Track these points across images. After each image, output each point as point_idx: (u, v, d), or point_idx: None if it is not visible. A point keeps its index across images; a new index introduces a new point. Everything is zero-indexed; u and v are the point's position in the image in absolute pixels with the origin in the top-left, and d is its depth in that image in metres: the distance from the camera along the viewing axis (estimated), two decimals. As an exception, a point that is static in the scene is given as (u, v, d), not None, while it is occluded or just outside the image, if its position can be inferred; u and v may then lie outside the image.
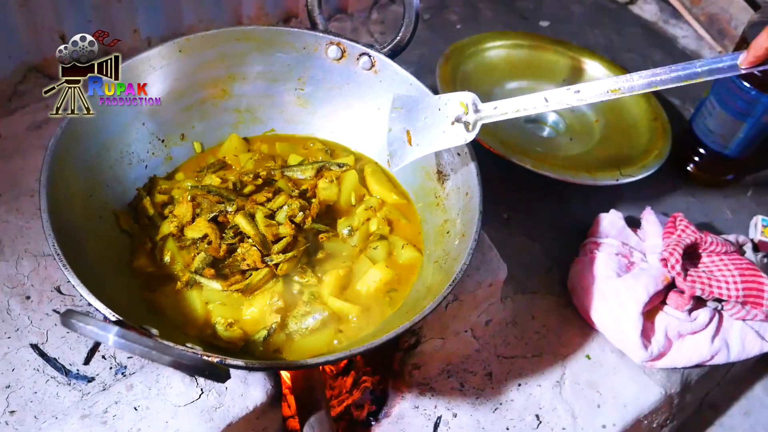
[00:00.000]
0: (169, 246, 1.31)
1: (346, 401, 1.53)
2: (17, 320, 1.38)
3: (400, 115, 1.39)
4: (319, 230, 1.36)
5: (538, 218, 1.82)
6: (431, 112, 1.34)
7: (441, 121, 1.32)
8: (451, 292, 1.16)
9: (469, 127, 1.29)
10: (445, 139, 1.31)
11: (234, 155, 1.48)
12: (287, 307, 1.25)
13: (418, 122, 1.36)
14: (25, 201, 1.55)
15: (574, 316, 1.65)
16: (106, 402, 1.17)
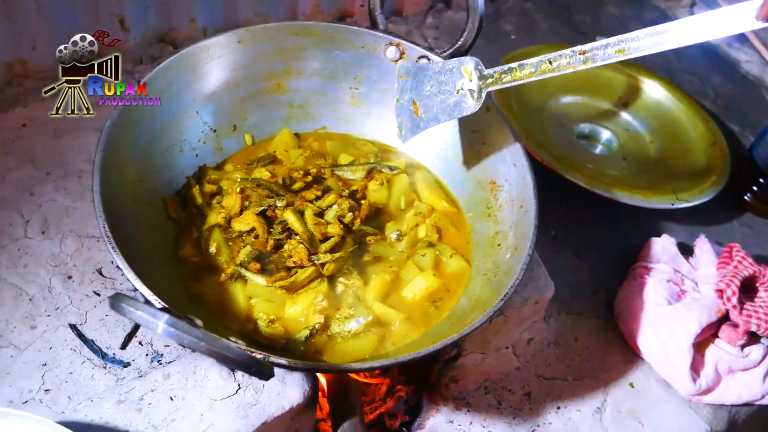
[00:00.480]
0: (215, 237, 1.29)
1: (379, 409, 1.50)
2: (58, 299, 1.37)
3: (405, 84, 1.36)
4: (367, 232, 1.33)
5: (586, 237, 1.78)
6: (435, 81, 1.31)
7: (446, 90, 1.29)
8: (501, 308, 1.12)
9: (474, 96, 1.25)
10: (452, 109, 1.28)
11: (284, 150, 1.46)
12: (330, 309, 1.23)
13: (423, 91, 1.33)
14: (73, 181, 1.55)
15: (618, 341, 1.61)
16: (142, 389, 1.15)
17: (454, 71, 1.28)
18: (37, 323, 1.33)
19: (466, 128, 1.43)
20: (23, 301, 1.35)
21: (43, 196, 1.51)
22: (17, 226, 1.45)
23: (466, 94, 1.26)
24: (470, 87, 1.26)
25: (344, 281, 1.26)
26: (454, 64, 1.29)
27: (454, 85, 1.28)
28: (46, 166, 1.56)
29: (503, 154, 1.36)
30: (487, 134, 1.39)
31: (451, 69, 1.29)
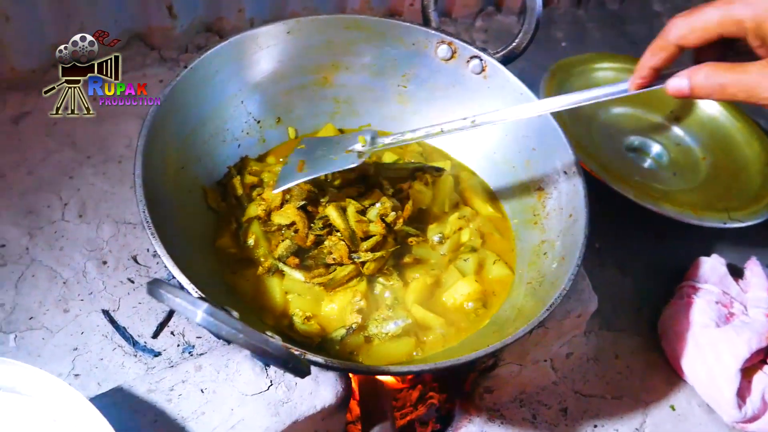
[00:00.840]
0: (254, 229, 1.27)
1: (410, 415, 1.46)
2: (92, 284, 1.35)
3: (298, 151, 1.31)
4: (410, 233, 1.29)
5: (631, 251, 1.73)
6: (329, 147, 1.29)
7: (334, 152, 1.26)
8: (547, 318, 1.08)
9: (361, 156, 1.23)
10: (334, 164, 1.24)
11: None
12: (368, 309, 1.19)
13: (313, 154, 1.29)
14: (112, 166, 1.54)
15: (661, 361, 1.56)
16: (173, 380, 1.12)
17: (349, 140, 1.27)
18: (70, 307, 1.31)
19: (516, 132, 1.39)
20: (57, 283, 1.34)
21: (82, 180, 1.50)
22: (55, 209, 1.44)
23: (353, 153, 1.24)
24: (360, 149, 1.24)
25: (384, 282, 1.23)
26: (351, 136, 1.29)
27: (345, 148, 1.26)
28: (86, 150, 1.55)
29: (554, 161, 1.31)
30: (538, 139, 1.35)
31: (347, 138, 1.29)
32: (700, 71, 0.86)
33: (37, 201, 1.45)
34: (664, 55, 0.92)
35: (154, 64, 1.71)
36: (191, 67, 1.24)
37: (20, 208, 1.43)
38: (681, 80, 0.89)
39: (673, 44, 0.90)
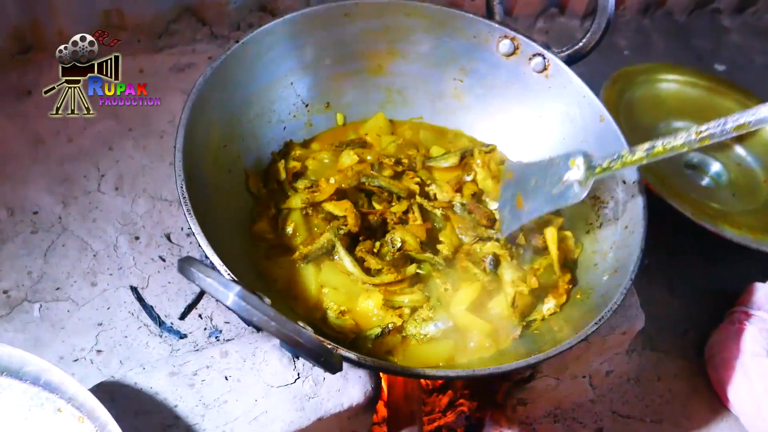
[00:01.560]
0: (293, 217, 1.22)
1: (438, 421, 1.41)
2: (122, 258, 1.32)
3: (509, 182, 1.27)
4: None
5: (681, 271, 1.65)
6: (541, 175, 1.21)
7: (551, 182, 1.18)
8: (595, 332, 1.02)
9: (582, 184, 1.15)
10: (556, 199, 1.17)
11: (377, 135, 1.38)
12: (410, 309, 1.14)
13: (528, 186, 1.22)
14: (153, 141, 1.50)
15: (705, 387, 1.48)
16: (197, 364, 1.08)
17: (560, 165, 1.18)
18: (98, 280, 1.28)
19: (574, 137, 1.32)
20: (87, 255, 1.31)
21: (121, 152, 1.46)
22: (91, 179, 1.41)
23: (572, 184, 1.16)
24: (577, 178, 1.15)
25: (439, 282, 1.17)
26: (561, 159, 1.19)
27: (560, 176, 1.17)
28: (128, 122, 1.51)
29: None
30: (597, 145, 1.28)
31: (557, 163, 1.19)
32: None
33: (75, 170, 1.42)
34: None
35: (204, 40, 1.68)
36: (243, 42, 1.20)
37: (57, 175, 1.40)
38: None
39: None
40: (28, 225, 1.32)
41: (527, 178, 1.24)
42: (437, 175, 1.33)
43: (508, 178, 1.28)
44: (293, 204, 1.23)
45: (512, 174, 1.28)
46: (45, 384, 0.93)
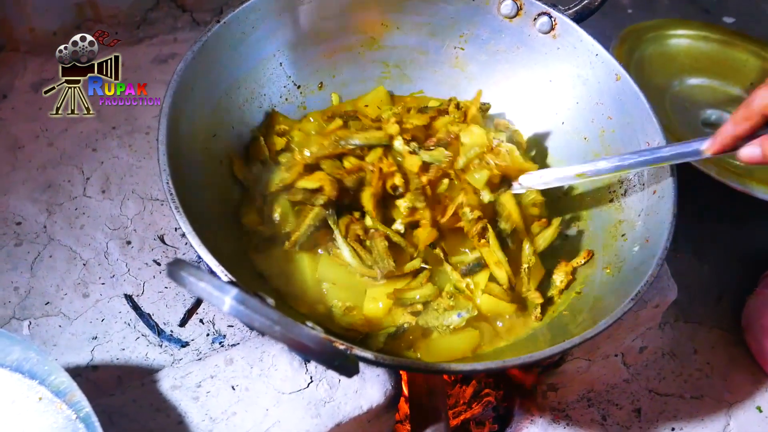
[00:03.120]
0: (280, 202, 1.11)
1: (464, 414, 1.32)
2: (114, 266, 1.23)
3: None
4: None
5: (709, 236, 1.55)
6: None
7: None
8: (631, 308, 0.93)
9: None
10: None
11: (377, 107, 1.27)
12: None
13: None
14: (139, 138, 1.41)
15: (745, 357, 1.39)
16: (201, 375, 0.99)
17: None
18: (89, 291, 1.19)
19: (589, 99, 1.22)
20: (76, 265, 1.22)
21: (106, 152, 1.37)
22: (76, 184, 1.32)
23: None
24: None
25: (452, 274, 1.08)
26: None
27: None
28: (112, 120, 1.42)
29: (634, 131, 1.15)
30: (616, 107, 1.18)
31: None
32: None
33: (57, 175, 1.33)
34: (748, 125, 0.89)
35: (185, 28, 1.58)
36: (224, 22, 1.10)
37: (39, 182, 1.31)
38: (754, 149, 0.89)
39: (759, 114, 0.87)
40: (11, 237, 1.23)
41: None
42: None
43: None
44: (277, 180, 1.13)
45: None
46: (27, 372, 0.89)
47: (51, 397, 0.89)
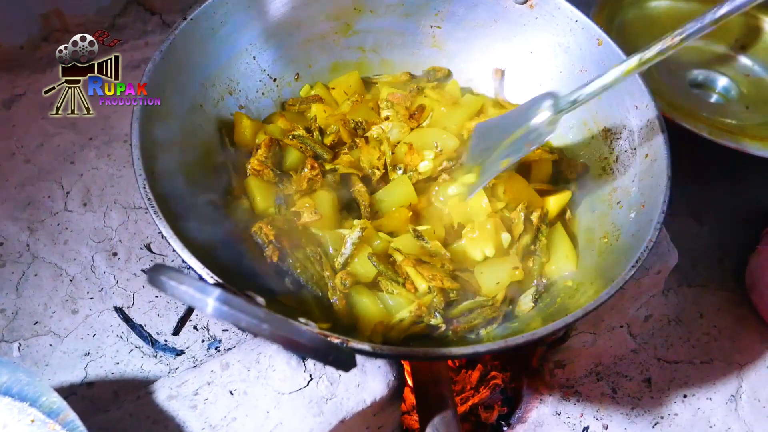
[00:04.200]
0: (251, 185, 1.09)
1: (471, 399, 1.29)
2: (102, 279, 1.20)
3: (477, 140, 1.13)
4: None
5: (706, 198, 1.53)
6: (509, 126, 1.08)
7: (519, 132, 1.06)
8: (633, 276, 0.90)
9: (550, 125, 1.03)
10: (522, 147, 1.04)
11: (344, 92, 1.25)
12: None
13: (496, 139, 1.09)
14: (118, 147, 1.38)
15: (752, 316, 1.37)
16: (197, 382, 0.96)
17: (528, 112, 1.06)
18: (78, 307, 1.16)
19: (571, 68, 1.20)
20: (63, 282, 1.19)
21: (84, 164, 1.34)
22: (56, 199, 1.29)
23: (538, 127, 1.04)
24: (543, 120, 1.04)
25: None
26: (529, 105, 1.07)
27: (528, 124, 1.05)
28: (88, 131, 1.39)
29: (621, 96, 1.12)
30: (600, 72, 1.15)
31: (525, 110, 1.07)
32: None
33: (37, 191, 1.30)
34: None
35: (156, 31, 1.54)
36: (191, 19, 1.07)
37: (18, 200, 1.28)
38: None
39: None
40: (-7, 259, 1.20)
41: (494, 132, 1.11)
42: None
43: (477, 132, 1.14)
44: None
45: (480, 131, 1.14)
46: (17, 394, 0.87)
47: (43, 418, 0.86)
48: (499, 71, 1.27)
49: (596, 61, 1.16)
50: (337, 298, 0.99)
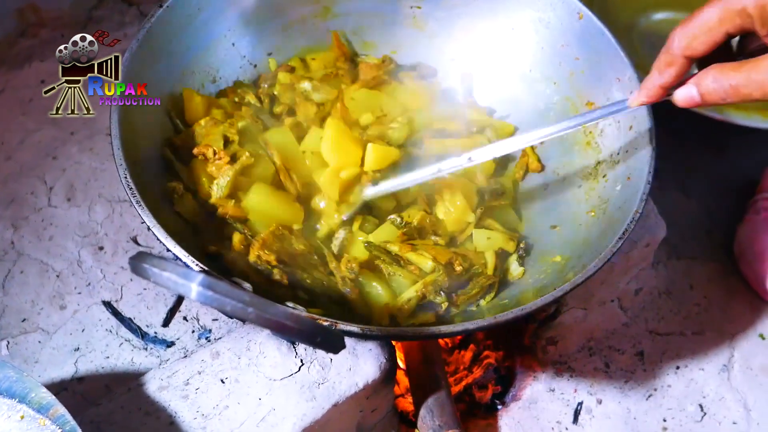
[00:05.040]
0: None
1: (465, 380, 1.29)
2: (89, 273, 1.19)
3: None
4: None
5: (692, 170, 1.52)
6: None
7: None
8: (620, 248, 0.90)
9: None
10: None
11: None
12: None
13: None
14: (100, 140, 1.36)
15: (742, 286, 1.37)
16: (188, 372, 0.96)
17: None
18: (66, 302, 1.16)
19: (553, 43, 1.19)
20: (50, 278, 1.18)
21: (67, 159, 1.33)
22: (40, 195, 1.28)
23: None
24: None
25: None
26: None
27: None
28: (69, 125, 1.37)
29: (603, 69, 1.12)
30: (581, 46, 1.15)
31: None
32: (707, 76, 0.78)
33: (19, 188, 1.28)
34: (674, 71, 0.84)
35: (134, 23, 1.52)
36: (167, 6, 1.06)
37: (1, 197, 1.27)
38: (689, 89, 0.81)
39: (680, 56, 0.82)
40: (-23, 257, 1.19)
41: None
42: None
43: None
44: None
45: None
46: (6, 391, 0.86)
47: (33, 414, 0.85)
48: (468, 75, 1.27)
49: (577, 35, 1.15)
50: (349, 289, 0.98)
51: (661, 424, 1.21)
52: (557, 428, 1.21)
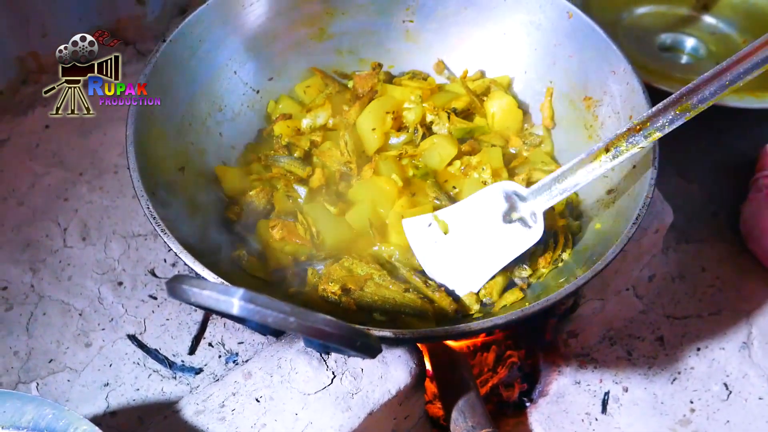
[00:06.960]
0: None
1: (491, 380, 1.30)
2: (111, 309, 1.20)
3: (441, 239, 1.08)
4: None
5: (691, 155, 1.55)
6: (476, 219, 1.07)
7: (494, 229, 1.05)
8: (635, 233, 0.92)
9: (529, 222, 1.03)
10: (510, 247, 1.03)
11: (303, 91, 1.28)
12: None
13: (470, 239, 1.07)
14: (109, 178, 1.38)
15: (753, 264, 1.39)
16: (222, 395, 0.97)
17: (492, 200, 1.06)
18: (91, 340, 1.17)
19: (546, 43, 1.22)
20: (72, 317, 1.19)
21: (78, 200, 1.34)
22: (55, 237, 1.29)
23: (517, 224, 1.04)
24: (518, 215, 1.04)
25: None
26: (487, 194, 1.07)
27: (498, 217, 1.05)
28: (77, 166, 1.39)
29: (597, 63, 1.14)
30: (574, 44, 1.18)
31: (487, 199, 1.07)
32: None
33: (34, 232, 1.30)
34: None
35: (131, 61, 1.55)
36: (170, 40, 1.09)
37: (16, 243, 1.28)
38: None
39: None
40: (0, 303, 1.20)
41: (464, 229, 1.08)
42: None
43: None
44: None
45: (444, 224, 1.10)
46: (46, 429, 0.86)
47: (76, 452, 0.86)
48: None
49: (569, 33, 1.18)
50: (438, 293, 1.01)
51: (689, 406, 1.23)
52: (587, 419, 1.22)
